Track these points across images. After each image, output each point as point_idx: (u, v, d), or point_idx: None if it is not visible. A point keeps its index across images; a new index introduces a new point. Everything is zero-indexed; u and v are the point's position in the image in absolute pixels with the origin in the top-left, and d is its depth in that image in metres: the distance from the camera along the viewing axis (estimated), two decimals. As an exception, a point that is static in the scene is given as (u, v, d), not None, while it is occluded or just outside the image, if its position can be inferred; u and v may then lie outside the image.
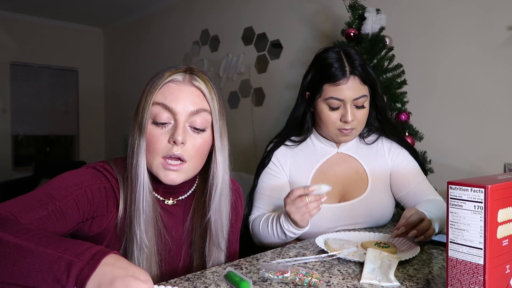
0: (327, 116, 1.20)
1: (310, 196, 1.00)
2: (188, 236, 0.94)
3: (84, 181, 0.81)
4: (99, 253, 0.59)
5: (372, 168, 1.27)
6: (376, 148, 1.31)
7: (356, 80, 1.16)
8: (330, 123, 1.20)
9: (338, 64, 1.16)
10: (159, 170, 0.83)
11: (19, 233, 0.62)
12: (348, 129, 1.19)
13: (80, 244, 0.61)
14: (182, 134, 0.81)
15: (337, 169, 1.27)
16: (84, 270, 0.57)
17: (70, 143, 5.64)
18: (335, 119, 1.19)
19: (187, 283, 0.76)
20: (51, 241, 0.61)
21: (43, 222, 0.72)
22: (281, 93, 3.24)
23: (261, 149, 1.34)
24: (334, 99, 1.17)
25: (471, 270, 0.62)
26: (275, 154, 1.30)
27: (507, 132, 2.04)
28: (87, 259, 0.58)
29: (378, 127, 1.32)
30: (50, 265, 0.58)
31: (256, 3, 3.48)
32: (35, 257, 0.59)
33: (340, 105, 1.18)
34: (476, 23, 2.14)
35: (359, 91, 1.17)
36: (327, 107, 1.19)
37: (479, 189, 0.60)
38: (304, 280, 0.75)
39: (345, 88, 1.16)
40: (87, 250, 0.60)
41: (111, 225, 0.85)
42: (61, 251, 0.59)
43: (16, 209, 0.71)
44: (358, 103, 1.18)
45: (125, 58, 5.28)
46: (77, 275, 0.57)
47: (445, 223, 1.13)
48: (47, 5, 4.64)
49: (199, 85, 0.84)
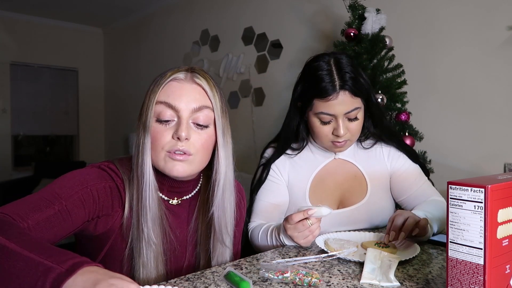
0: (319, 129, 1.17)
1: (311, 219, 0.97)
2: (193, 236, 0.95)
3: (89, 181, 0.82)
4: (81, 262, 0.57)
5: (371, 173, 1.25)
6: (375, 152, 1.28)
7: (347, 94, 1.12)
8: (322, 136, 1.18)
9: (328, 78, 1.12)
10: (166, 162, 0.83)
11: (12, 236, 0.62)
12: (342, 141, 1.17)
13: (65, 254, 0.59)
14: (185, 130, 0.82)
15: (335, 175, 1.25)
16: (61, 276, 0.55)
17: (70, 143, 5.64)
18: (327, 132, 1.16)
19: (187, 283, 0.76)
20: (38, 247, 0.60)
21: (50, 222, 0.72)
22: (281, 93, 3.24)
23: (261, 149, 1.34)
24: (325, 114, 1.14)
25: (471, 270, 0.62)
26: (275, 163, 1.28)
27: (507, 132, 2.04)
28: (67, 267, 0.56)
29: (374, 132, 1.29)
30: (29, 269, 0.57)
31: (256, 3, 3.48)
32: (16, 260, 0.58)
33: (332, 119, 1.14)
34: (476, 23, 2.14)
35: (350, 104, 1.13)
36: (319, 121, 1.16)
37: (479, 189, 0.60)
38: (304, 280, 0.75)
39: (336, 103, 1.12)
40: (70, 259, 0.58)
41: (117, 224, 0.85)
42: (44, 257, 0.58)
43: (23, 210, 0.71)
44: (350, 116, 1.15)
45: (125, 58, 5.28)
46: (53, 281, 0.55)
47: (445, 223, 1.13)
48: (47, 5, 4.64)
49: (201, 82, 0.85)
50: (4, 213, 0.69)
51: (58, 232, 0.74)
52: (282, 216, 1.24)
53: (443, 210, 1.14)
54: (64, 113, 5.46)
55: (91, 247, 0.87)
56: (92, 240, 0.86)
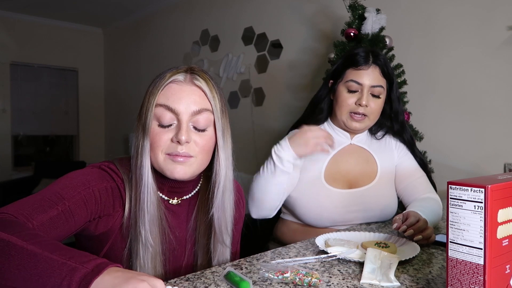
0: (344, 98, 1.28)
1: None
2: (192, 235, 0.95)
3: (91, 181, 0.82)
4: (105, 263, 0.59)
5: (382, 160, 1.36)
6: (385, 142, 1.40)
7: (377, 70, 1.27)
8: (345, 105, 1.28)
9: (363, 53, 1.28)
10: (166, 164, 0.83)
11: (27, 237, 0.62)
12: (360, 114, 1.27)
13: (85, 255, 0.60)
14: (185, 133, 0.82)
15: (349, 158, 1.35)
16: (88, 276, 0.56)
17: (70, 143, 5.64)
18: (351, 102, 1.27)
19: (187, 283, 0.76)
20: (57, 248, 0.61)
21: (54, 222, 0.72)
22: (281, 93, 3.24)
23: (261, 149, 1.35)
24: (354, 82, 1.26)
25: (471, 270, 0.62)
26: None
27: (507, 132, 2.04)
28: (92, 267, 0.57)
29: (389, 126, 1.40)
30: (53, 270, 0.57)
31: (256, 3, 3.48)
32: (38, 261, 0.58)
33: (358, 89, 1.26)
34: (476, 23, 2.14)
35: (377, 80, 1.27)
36: (346, 90, 1.28)
37: (479, 189, 0.60)
38: (304, 280, 0.75)
39: (365, 73, 1.26)
40: (92, 260, 0.59)
41: (117, 224, 0.85)
42: (66, 258, 0.58)
43: (27, 211, 0.71)
44: (374, 92, 1.27)
45: (125, 58, 5.28)
46: (80, 280, 0.56)
47: (435, 223, 1.20)
48: (47, 5, 4.64)
49: (200, 84, 0.85)
50: (9, 214, 0.69)
51: (61, 233, 0.75)
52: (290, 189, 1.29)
53: (436, 209, 1.22)
54: (64, 113, 5.46)
55: (91, 246, 0.87)
56: (92, 240, 0.86)
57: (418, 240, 0.99)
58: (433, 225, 1.18)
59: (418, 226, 1.01)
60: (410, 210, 1.12)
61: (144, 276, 0.57)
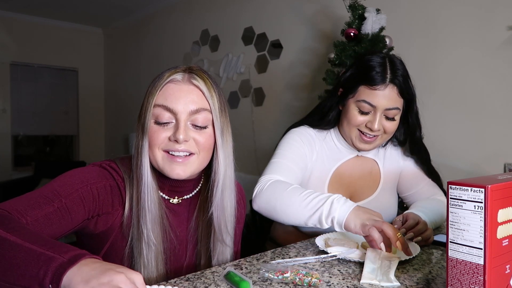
0: (354, 117, 1.16)
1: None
2: (193, 235, 0.95)
3: (89, 179, 0.82)
4: (82, 254, 0.59)
5: (387, 171, 1.30)
6: (390, 150, 1.33)
7: (394, 90, 1.12)
8: (355, 124, 1.16)
9: (380, 69, 1.12)
10: (165, 164, 0.84)
11: (12, 229, 0.63)
12: (371, 136, 1.16)
13: (66, 246, 0.61)
14: (183, 132, 0.82)
15: (353, 171, 1.28)
16: (63, 265, 0.56)
17: (70, 143, 5.64)
18: (361, 122, 1.15)
19: (187, 283, 0.76)
20: (39, 240, 0.62)
21: (49, 219, 0.73)
22: (281, 93, 3.24)
23: (261, 149, 1.35)
24: (367, 103, 1.13)
25: (471, 270, 0.62)
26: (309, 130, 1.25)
27: (507, 132, 2.04)
28: (69, 257, 0.58)
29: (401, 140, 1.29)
30: (31, 259, 0.58)
31: (256, 3, 3.48)
32: (18, 252, 0.59)
33: (371, 110, 1.13)
34: (476, 23, 2.14)
35: (393, 101, 1.12)
36: (357, 109, 1.15)
37: (479, 189, 0.60)
38: (304, 280, 0.75)
39: (381, 95, 1.11)
40: (71, 250, 0.60)
41: (117, 223, 0.85)
42: (45, 249, 0.59)
43: (22, 207, 0.71)
44: (389, 114, 1.14)
45: (125, 58, 5.28)
46: (55, 269, 0.56)
47: (437, 223, 1.17)
48: (47, 5, 4.64)
49: (198, 83, 0.85)
50: (3, 209, 0.70)
51: (57, 230, 0.75)
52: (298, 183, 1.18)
53: (439, 209, 1.18)
54: (64, 113, 5.46)
55: (92, 245, 0.87)
56: (93, 238, 0.86)
57: (418, 242, 0.99)
58: (436, 225, 1.17)
59: (417, 229, 1.01)
60: (410, 212, 1.10)
61: (123, 268, 0.58)
